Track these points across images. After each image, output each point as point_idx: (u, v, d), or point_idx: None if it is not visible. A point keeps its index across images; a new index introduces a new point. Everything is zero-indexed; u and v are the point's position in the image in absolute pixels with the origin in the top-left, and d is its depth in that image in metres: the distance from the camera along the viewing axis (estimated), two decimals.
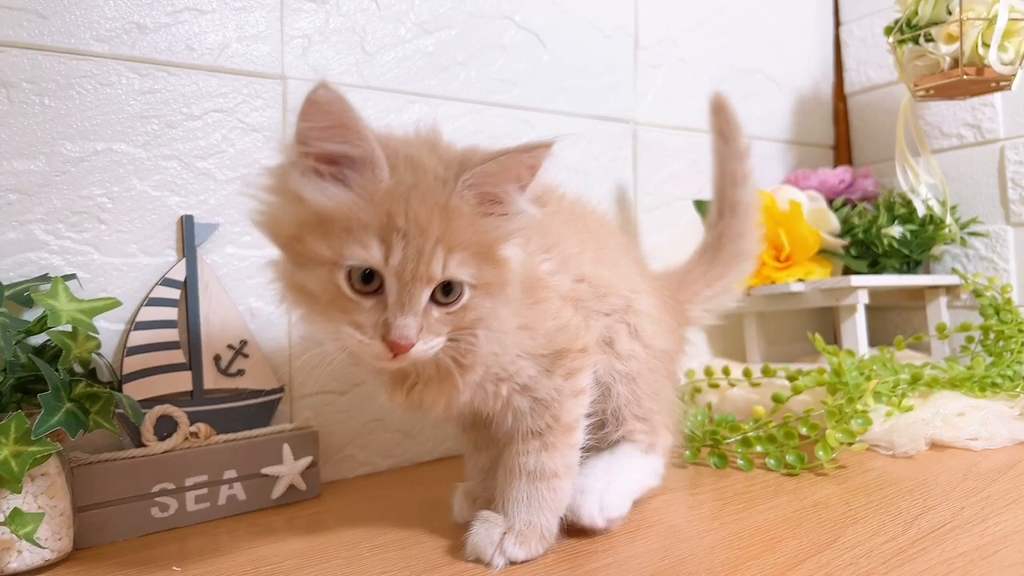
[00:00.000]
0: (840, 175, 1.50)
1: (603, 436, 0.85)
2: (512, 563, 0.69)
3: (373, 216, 0.59)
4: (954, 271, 1.50)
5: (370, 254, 0.59)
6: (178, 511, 0.88)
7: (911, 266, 1.46)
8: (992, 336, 1.34)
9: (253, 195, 0.63)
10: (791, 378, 1.18)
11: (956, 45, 1.23)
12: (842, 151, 1.74)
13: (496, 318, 0.67)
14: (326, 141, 0.59)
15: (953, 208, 1.46)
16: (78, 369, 0.83)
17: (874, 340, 1.64)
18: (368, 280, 0.60)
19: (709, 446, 1.05)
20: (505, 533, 0.70)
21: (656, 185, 1.41)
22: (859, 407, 1.00)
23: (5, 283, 0.81)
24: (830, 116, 1.74)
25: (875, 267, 1.43)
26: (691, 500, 0.88)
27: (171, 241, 0.93)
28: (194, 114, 0.94)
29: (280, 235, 0.63)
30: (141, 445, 0.88)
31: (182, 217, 0.93)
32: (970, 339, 1.37)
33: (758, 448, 1.02)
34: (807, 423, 1.00)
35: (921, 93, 1.33)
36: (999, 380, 1.19)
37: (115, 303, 0.83)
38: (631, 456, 0.85)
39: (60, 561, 0.77)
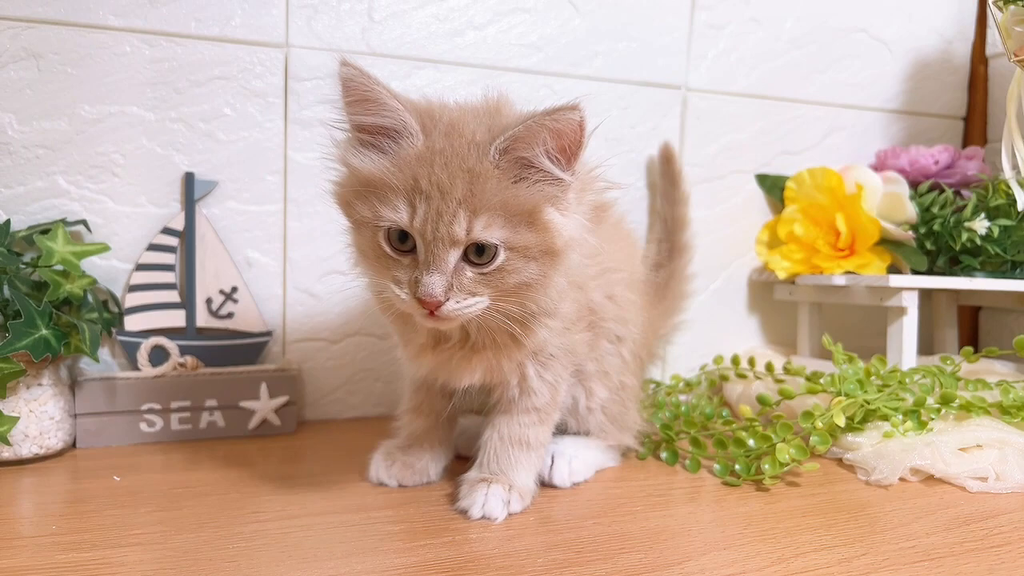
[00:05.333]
0: (936, 154, 1.30)
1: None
2: (510, 515, 0.78)
3: (401, 180, 0.64)
4: None
5: (398, 215, 0.64)
6: (163, 428, 1.02)
7: (1011, 268, 1.25)
8: None
9: (330, 167, 0.71)
10: (809, 380, 1.09)
11: None
12: (976, 123, 1.49)
13: (550, 285, 0.70)
14: (360, 114, 0.66)
15: None
16: (90, 299, 0.99)
17: (987, 344, 1.43)
18: (403, 240, 0.66)
19: (665, 441, 1.01)
20: (510, 491, 0.79)
21: (707, 157, 1.31)
22: (819, 424, 0.91)
23: (33, 225, 0.98)
24: (963, 82, 1.49)
25: (958, 266, 1.24)
26: (602, 494, 0.87)
27: (176, 195, 1.05)
28: (199, 81, 1.04)
29: (340, 200, 0.70)
30: (137, 369, 1.03)
31: (185, 173, 1.05)
32: None
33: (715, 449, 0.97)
34: (756, 433, 0.93)
35: None
36: None
37: (104, 247, 0.97)
38: (596, 441, 0.93)
39: (50, 456, 0.94)
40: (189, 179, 1.05)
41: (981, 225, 1.18)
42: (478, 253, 0.65)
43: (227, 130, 1.06)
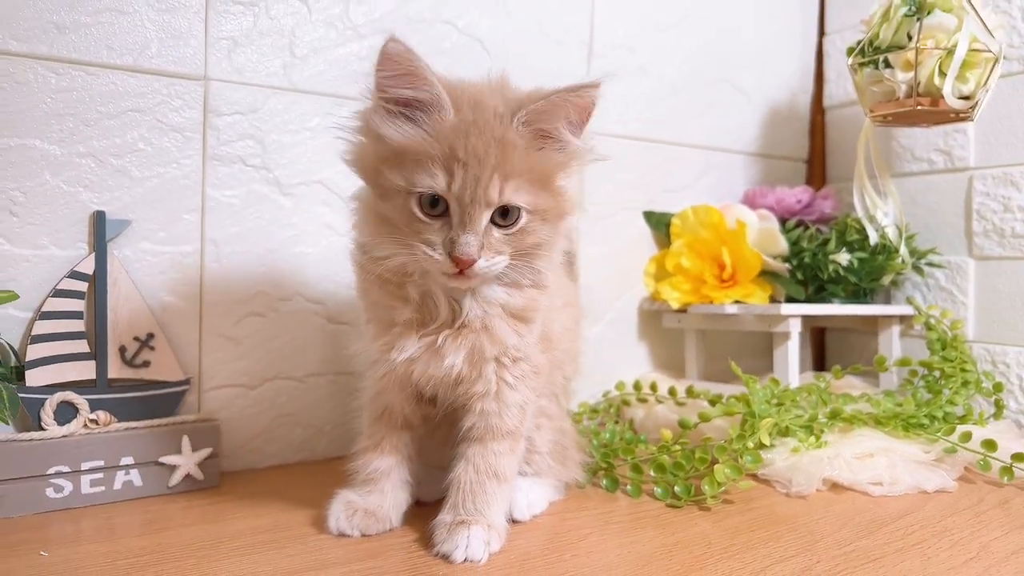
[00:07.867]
0: (798, 195, 1.47)
1: None
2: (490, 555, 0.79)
3: (438, 149, 0.69)
4: (909, 301, 1.47)
5: (435, 182, 0.69)
6: (73, 493, 0.92)
7: (862, 294, 1.44)
8: (937, 373, 1.32)
9: (344, 136, 0.75)
10: (712, 402, 1.19)
11: (913, 73, 1.20)
12: (816, 166, 1.70)
13: (554, 246, 0.79)
14: (399, 87, 0.70)
15: (910, 237, 1.43)
16: None
17: (832, 361, 1.63)
18: (435, 204, 0.71)
19: (603, 469, 1.06)
20: (489, 531, 0.79)
21: (605, 195, 1.40)
22: (750, 444, 1.00)
23: None
24: (806, 129, 1.70)
25: (821, 293, 1.41)
26: (561, 526, 0.89)
27: (83, 235, 0.96)
28: (111, 113, 0.96)
29: (365, 169, 0.74)
30: (41, 429, 0.92)
31: (94, 212, 0.96)
32: (913, 373, 1.36)
33: (652, 473, 1.03)
34: (693, 457, 1.00)
35: (879, 119, 1.30)
36: (926, 421, 1.17)
37: (11, 296, 0.87)
38: (545, 479, 0.96)
39: None
40: (100, 218, 0.96)
41: (844, 257, 1.35)
42: (503, 216, 0.72)
43: (141, 166, 0.99)
